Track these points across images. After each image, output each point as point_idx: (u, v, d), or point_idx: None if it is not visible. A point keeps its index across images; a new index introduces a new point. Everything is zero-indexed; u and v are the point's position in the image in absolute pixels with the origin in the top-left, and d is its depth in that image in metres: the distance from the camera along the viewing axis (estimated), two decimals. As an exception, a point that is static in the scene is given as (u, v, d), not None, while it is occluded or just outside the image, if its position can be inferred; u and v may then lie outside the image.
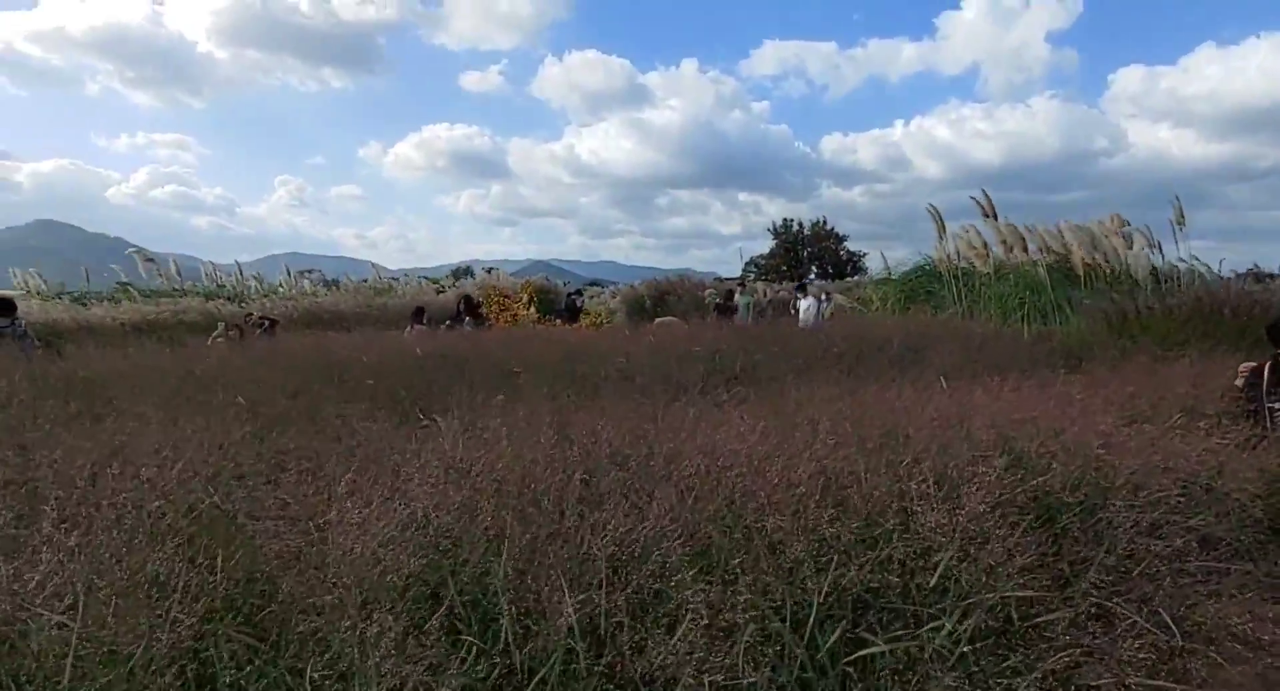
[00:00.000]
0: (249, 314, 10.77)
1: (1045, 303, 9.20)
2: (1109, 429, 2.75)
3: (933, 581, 1.89)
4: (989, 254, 10.37)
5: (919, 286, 11.43)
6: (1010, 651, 1.81)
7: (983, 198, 10.92)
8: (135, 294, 16.98)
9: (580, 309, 14.65)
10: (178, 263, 19.56)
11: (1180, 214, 9.84)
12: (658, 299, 16.52)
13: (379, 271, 22.80)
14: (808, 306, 11.27)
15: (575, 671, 1.53)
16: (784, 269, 38.59)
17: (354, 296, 16.70)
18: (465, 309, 10.61)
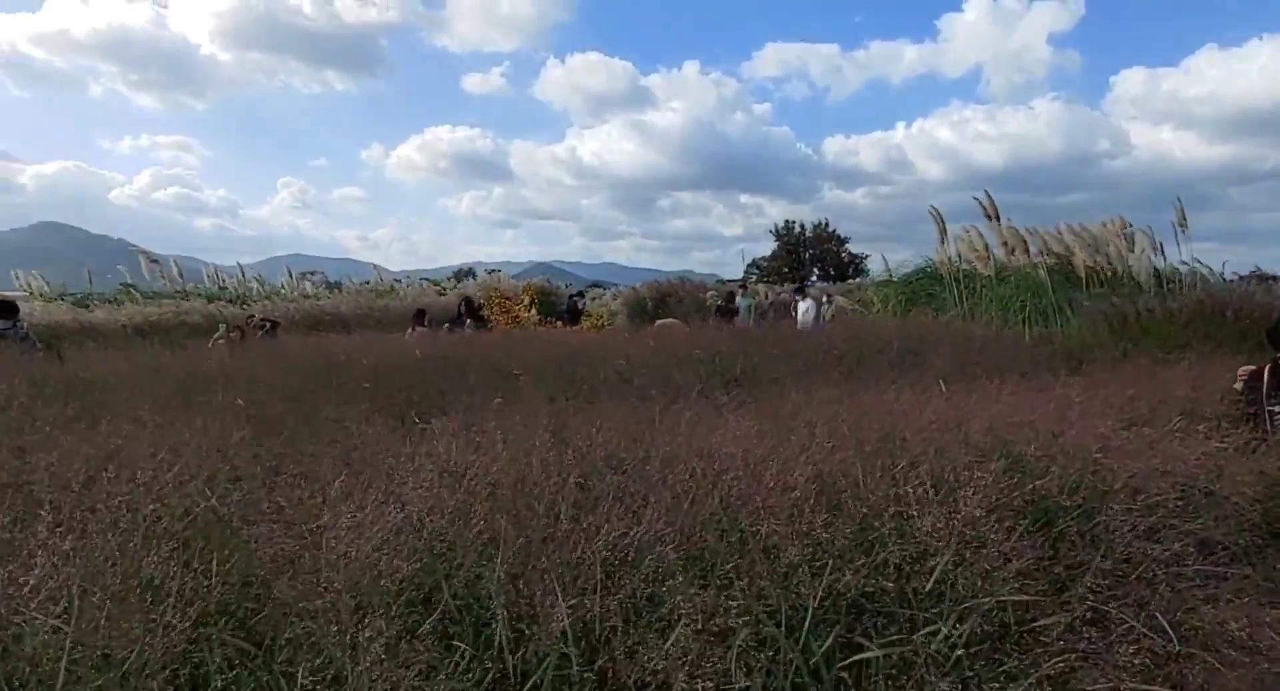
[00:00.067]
0: (250, 316, 10.79)
1: (1046, 305, 9.19)
2: (1108, 432, 2.74)
3: (928, 585, 1.89)
4: (990, 256, 10.35)
5: (920, 288, 11.43)
6: (1006, 656, 1.80)
7: (985, 199, 10.91)
8: (137, 296, 17.02)
9: (581, 311, 14.65)
10: (180, 264, 19.62)
11: (1182, 216, 9.82)
12: (659, 301, 16.50)
13: (381, 273, 22.85)
14: (806, 308, 11.27)
15: (568, 676, 1.53)
16: (786, 271, 38.59)
17: (355, 298, 16.73)
18: (466, 311, 10.62)
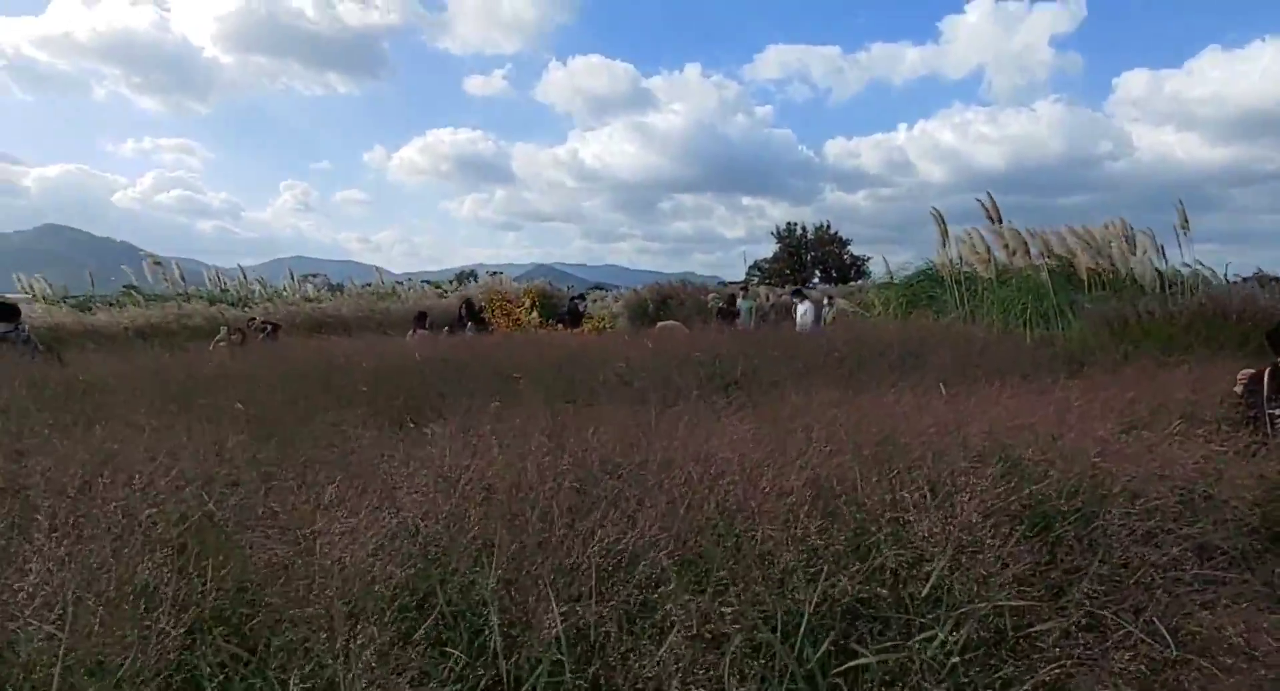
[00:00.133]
0: (252, 318, 10.81)
1: (1048, 307, 9.17)
2: (1107, 435, 2.73)
3: (925, 591, 1.88)
4: (992, 258, 10.34)
5: (921, 291, 11.41)
6: (1002, 662, 1.79)
7: (988, 201, 10.89)
8: (139, 298, 17.07)
9: (582, 313, 14.65)
10: (181, 267, 19.68)
11: (1184, 218, 9.80)
12: (660, 303, 16.51)
13: (383, 275, 22.90)
14: (805, 311, 11.28)
15: (562, 682, 1.52)
16: (788, 273, 38.60)
17: (356, 301, 16.76)
18: (467, 314, 10.64)
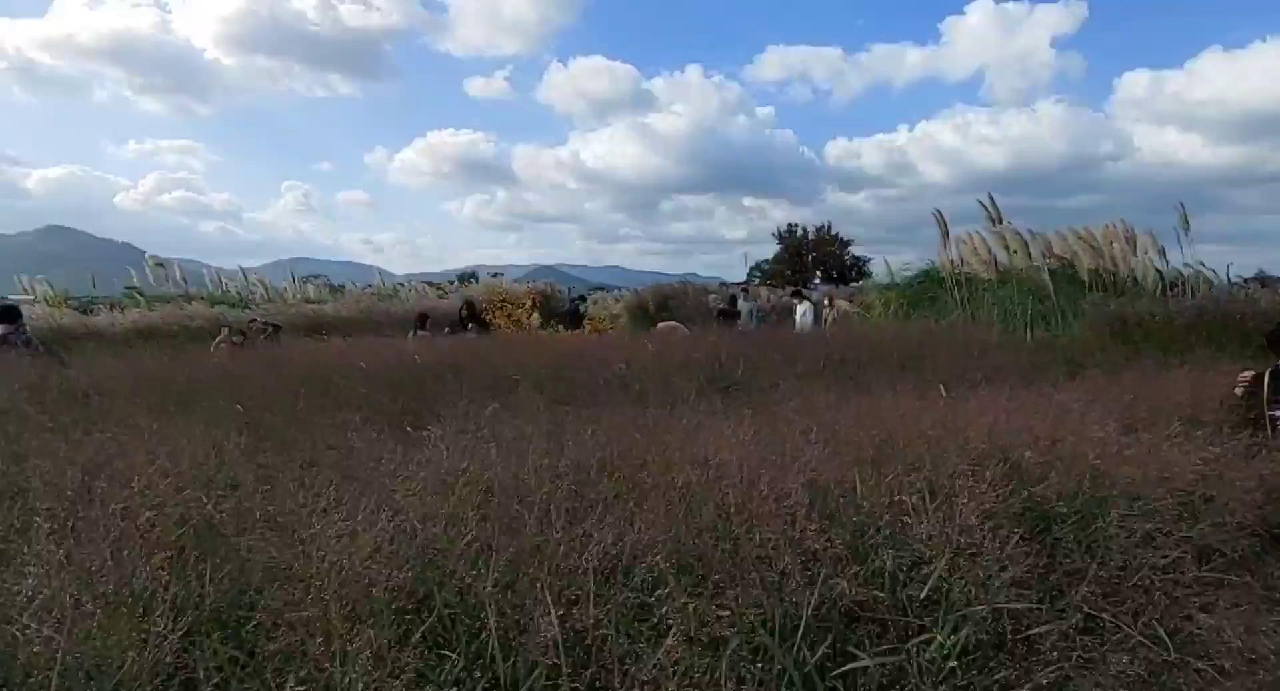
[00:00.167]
0: (253, 320, 10.80)
1: (1049, 309, 9.15)
2: (1106, 437, 2.72)
3: (923, 593, 1.88)
4: (993, 260, 10.31)
5: (922, 292, 11.38)
6: (1000, 665, 1.79)
7: (989, 203, 10.87)
8: (141, 300, 17.08)
9: (583, 315, 14.62)
10: (183, 268, 19.73)
11: (1185, 220, 9.79)
12: (661, 304, 16.48)
13: (384, 277, 22.94)
14: (804, 312, 11.26)
15: (558, 685, 1.52)
16: (789, 274, 38.54)
17: (356, 302, 16.76)
18: (468, 315, 10.62)
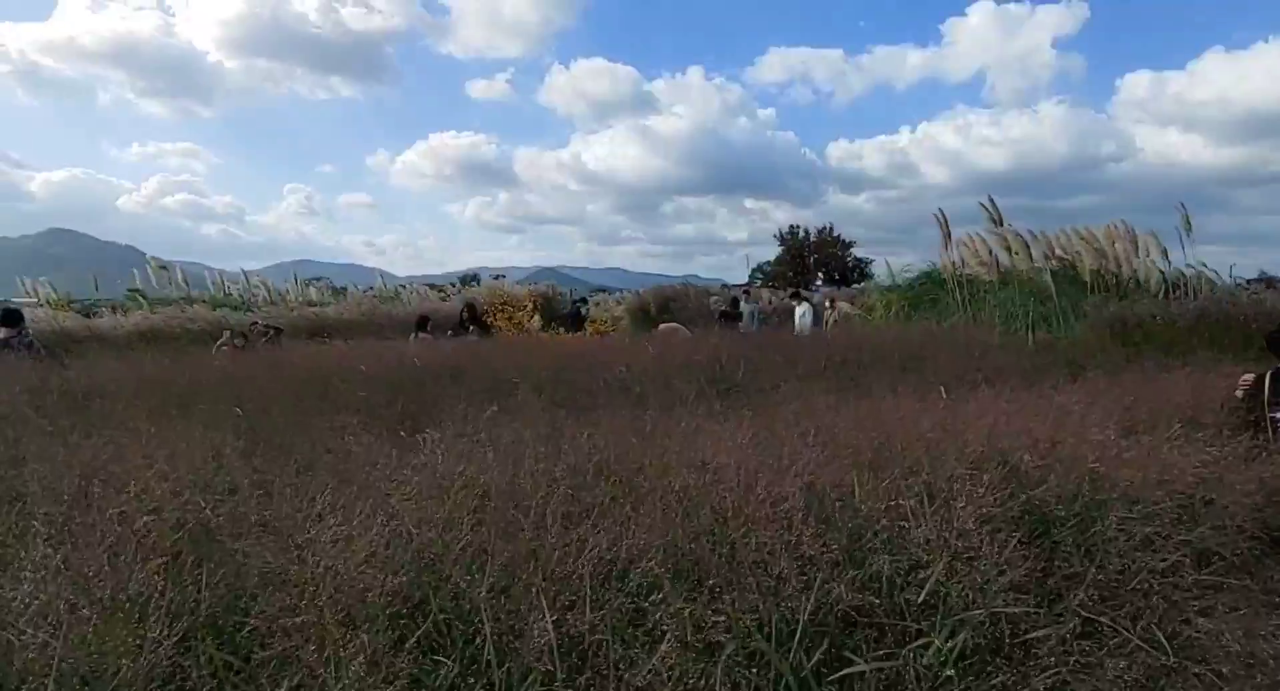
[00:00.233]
0: (254, 322, 10.82)
1: (1050, 310, 9.14)
2: (1106, 440, 2.71)
3: (920, 598, 1.87)
4: (995, 261, 10.31)
5: (924, 293, 11.39)
6: (998, 670, 1.78)
7: (990, 204, 10.87)
8: (144, 302, 17.12)
9: (584, 317, 14.64)
10: (186, 271, 19.77)
11: (1187, 221, 9.79)
12: (663, 306, 16.50)
13: (386, 279, 22.97)
14: (804, 313, 11.27)
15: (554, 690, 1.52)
16: (790, 275, 38.55)
17: (358, 305, 16.78)
18: (469, 317, 10.64)
